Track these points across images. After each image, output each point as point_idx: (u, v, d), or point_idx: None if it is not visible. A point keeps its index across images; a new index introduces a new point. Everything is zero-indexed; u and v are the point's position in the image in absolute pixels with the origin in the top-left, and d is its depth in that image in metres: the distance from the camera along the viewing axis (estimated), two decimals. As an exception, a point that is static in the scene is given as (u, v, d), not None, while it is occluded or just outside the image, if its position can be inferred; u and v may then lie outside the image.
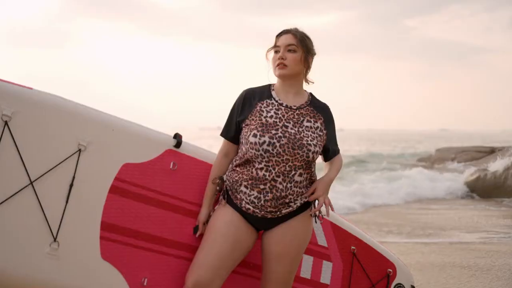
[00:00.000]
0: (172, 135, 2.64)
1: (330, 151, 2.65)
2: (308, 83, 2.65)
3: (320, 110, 2.62)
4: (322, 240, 2.97)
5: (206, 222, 2.64)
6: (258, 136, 2.45)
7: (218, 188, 2.63)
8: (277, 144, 2.44)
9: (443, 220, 8.82)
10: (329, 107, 2.67)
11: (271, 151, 2.44)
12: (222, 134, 2.63)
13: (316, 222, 2.78)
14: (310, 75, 2.64)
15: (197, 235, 2.63)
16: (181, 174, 2.63)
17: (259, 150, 2.44)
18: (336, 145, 2.70)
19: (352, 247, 3.05)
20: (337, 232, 3.02)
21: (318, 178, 2.62)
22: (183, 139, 2.62)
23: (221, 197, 2.62)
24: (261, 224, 2.55)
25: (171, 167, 2.60)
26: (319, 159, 2.66)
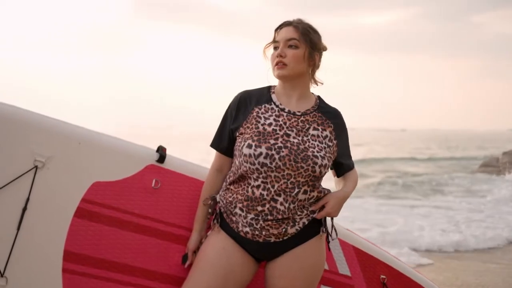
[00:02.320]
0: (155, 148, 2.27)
1: (344, 165, 2.24)
2: (317, 84, 2.22)
3: (329, 116, 2.20)
4: (344, 269, 2.54)
5: (197, 249, 2.24)
6: (253, 147, 2.04)
7: (210, 210, 2.23)
8: (276, 156, 2.02)
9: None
10: (341, 112, 2.23)
11: (269, 165, 2.02)
12: (213, 145, 2.23)
13: (329, 249, 2.32)
14: (319, 75, 2.22)
15: (186, 265, 2.25)
16: (165, 193, 2.25)
17: (254, 164, 2.03)
18: (350, 158, 2.29)
19: (382, 276, 2.61)
20: (362, 259, 2.58)
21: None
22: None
23: (213, 221, 2.21)
24: (262, 252, 2.14)
25: (153, 185, 2.23)
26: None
